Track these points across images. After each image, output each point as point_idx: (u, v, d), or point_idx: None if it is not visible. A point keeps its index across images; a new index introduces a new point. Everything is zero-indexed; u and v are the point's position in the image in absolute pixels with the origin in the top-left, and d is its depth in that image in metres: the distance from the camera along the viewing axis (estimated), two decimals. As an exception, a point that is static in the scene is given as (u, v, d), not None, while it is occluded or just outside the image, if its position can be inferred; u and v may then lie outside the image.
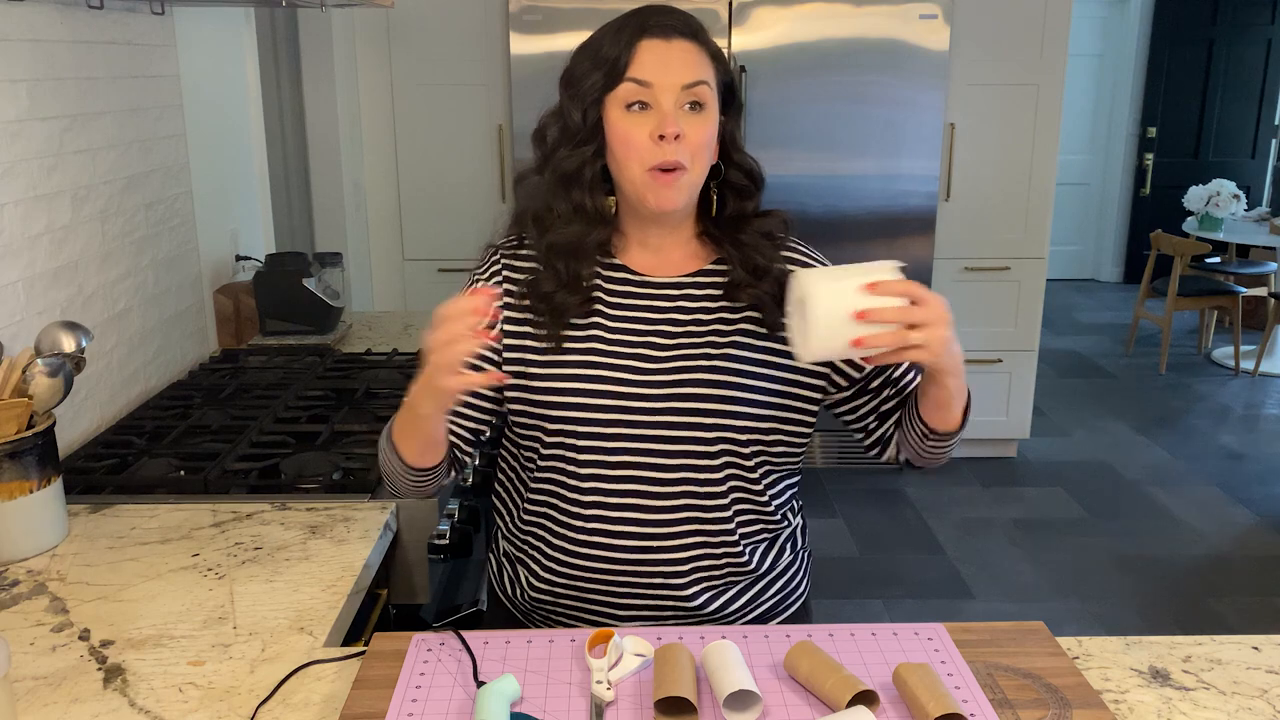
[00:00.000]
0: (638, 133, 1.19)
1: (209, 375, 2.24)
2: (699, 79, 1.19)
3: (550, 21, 3.63)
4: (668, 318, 1.27)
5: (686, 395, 1.23)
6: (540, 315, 1.26)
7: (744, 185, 1.28)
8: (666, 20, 1.20)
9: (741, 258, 1.26)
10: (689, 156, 1.20)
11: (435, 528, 1.63)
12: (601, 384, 1.24)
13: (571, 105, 1.22)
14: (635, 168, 1.20)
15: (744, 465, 1.28)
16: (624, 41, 1.19)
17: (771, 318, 1.26)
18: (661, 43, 1.19)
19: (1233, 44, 7.09)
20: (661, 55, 1.19)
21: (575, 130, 1.22)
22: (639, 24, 1.20)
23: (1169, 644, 1.21)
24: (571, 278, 1.25)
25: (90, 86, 1.92)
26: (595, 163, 1.23)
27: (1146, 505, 3.94)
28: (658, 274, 1.29)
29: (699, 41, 1.21)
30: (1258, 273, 5.81)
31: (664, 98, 1.18)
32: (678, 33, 1.20)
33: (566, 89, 1.24)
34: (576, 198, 1.24)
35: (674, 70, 1.19)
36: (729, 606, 1.32)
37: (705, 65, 1.21)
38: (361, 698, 1.08)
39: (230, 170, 2.63)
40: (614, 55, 1.19)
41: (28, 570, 1.39)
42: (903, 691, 1.05)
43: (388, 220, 4.02)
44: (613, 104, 1.20)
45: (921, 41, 3.73)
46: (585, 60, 1.22)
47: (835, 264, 1.14)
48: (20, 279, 1.72)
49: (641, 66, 1.18)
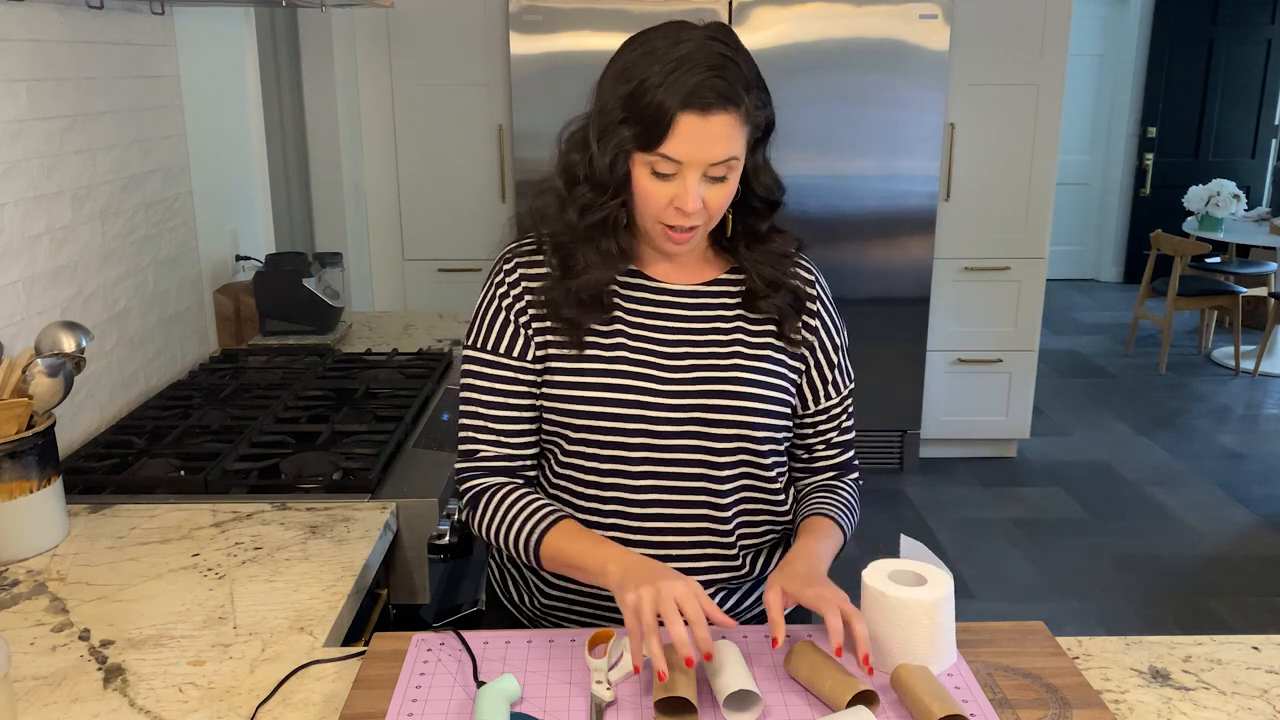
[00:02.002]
0: (659, 194, 1.18)
1: (209, 375, 2.24)
2: (729, 156, 1.17)
3: (550, 21, 3.63)
4: (687, 325, 1.27)
5: (708, 405, 1.24)
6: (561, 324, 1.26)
7: (758, 207, 1.28)
8: (712, 92, 1.13)
9: (756, 270, 1.28)
10: (705, 219, 1.20)
11: (435, 528, 1.63)
12: (625, 392, 1.24)
13: (601, 151, 1.19)
14: (650, 220, 1.21)
15: (761, 472, 1.29)
16: (664, 104, 1.13)
17: (789, 327, 1.28)
18: (700, 119, 1.13)
19: (1233, 44, 7.09)
20: (698, 134, 1.14)
21: (603, 177, 1.19)
22: (686, 90, 1.12)
23: (1169, 644, 1.21)
24: (593, 301, 1.25)
25: (90, 86, 1.92)
26: (621, 210, 1.22)
27: (1146, 505, 3.94)
28: (675, 281, 1.30)
29: (738, 109, 1.16)
30: (1258, 273, 5.81)
31: (690, 174, 1.16)
32: (719, 104, 1.14)
33: (599, 129, 1.19)
34: (605, 247, 1.23)
35: (706, 149, 1.15)
36: (739, 606, 1.34)
37: (739, 137, 1.17)
38: (361, 698, 1.08)
39: (230, 170, 2.63)
40: (652, 119, 1.14)
41: (28, 570, 1.39)
42: (902, 693, 1.05)
43: (388, 220, 4.02)
44: (640, 161, 1.18)
45: (921, 41, 3.73)
46: (622, 103, 1.16)
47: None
48: (20, 279, 1.72)
49: (676, 145, 1.14)
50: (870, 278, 3.93)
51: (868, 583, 1.12)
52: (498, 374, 1.27)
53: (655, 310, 1.27)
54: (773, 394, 1.26)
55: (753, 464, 1.28)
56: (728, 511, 1.28)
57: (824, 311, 1.33)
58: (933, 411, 4.21)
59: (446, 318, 2.82)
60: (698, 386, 1.24)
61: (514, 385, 1.27)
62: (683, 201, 1.17)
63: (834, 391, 1.34)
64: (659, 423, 1.24)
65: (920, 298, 3.99)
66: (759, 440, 1.26)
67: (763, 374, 1.26)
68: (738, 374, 1.25)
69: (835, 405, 1.35)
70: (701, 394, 1.24)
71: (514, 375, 1.27)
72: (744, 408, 1.25)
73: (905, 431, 4.17)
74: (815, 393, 1.33)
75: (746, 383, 1.25)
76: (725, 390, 1.25)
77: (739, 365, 1.26)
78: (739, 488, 1.28)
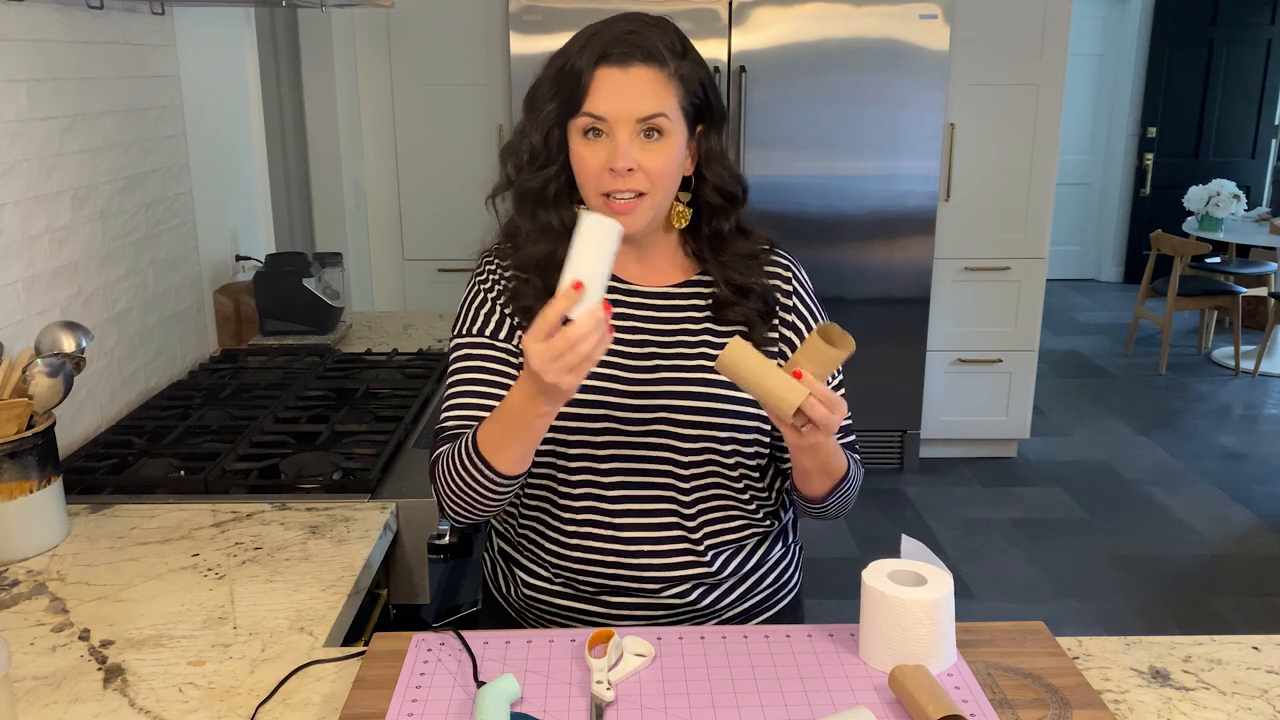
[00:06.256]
0: (593, 160, 1.18)
1: (209, 375, 2.24)
2: (656, 110, 1.17)
3: (550, 21, 3.63)
4: (655, 327, 1.28)
5: (673, 406, 1.25)
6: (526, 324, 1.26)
7: (719, 204, 1.27)
8: (627, 44, 1.16)
9: (724, 277, 1.28)
10: (647, 184, 1.19)
11: (435, 528, 1.63)
12: (589, 392, 1.24)
13: (532, 128, 1.22)
14: (591, 192, 1.21)
15: (726, 472, 1.30)
16: (583, 67, 1.17)
17: (758, 334, 1.28)
18: (619, 71, 1.16)
19: (1233, 44, 7.09)
20: (618, 86, 1.16)
21: (537, 152, 1.22)
22: (599, 48, 1.17)
23: (1169, 644, 1.21)
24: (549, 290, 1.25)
25: (90, 86, 1.92)
26: (559, 178, 1.23)
27: (1146, 505, 3.94)
28: (644, 283, 1.30)
29: (660, 66, 1.17)
30: (1258, 273, 5.81)
31: (618, 130, 1.17)
32: (638, 59, 1.16)
33: (528, 111, 1.23)
34: (543, 217, 1.24)
35: (629, 101, 1.16)
36: (720, 602, 1.33)
37: (666, 93, 1.17)
38: (361, 698, 1.08)
39: (230, 170, 2.63)
40: (572, 83, 1.17)
41: (28, 570, 1.39)
42: (900, 694, 1.05)
43: (388, 220, 4.02)
44: (572, 129, 1.19)
45: (921, 41, 3.73)
46: (548, 80, 1.20)
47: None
48: (20, 279, 1.72)
49: (596, 99, 1.16)
50: (870, 278, 3.93)
51: (868, 583, 1.13)
52: (483, 353, 1.28)
53: (623, 311, 1.28)
54: (739, 394, 1.26)
55: (717, 464, 1.28)
56: (691, 509, 1.29)
57: (801, 305, 1.33)
58: (933, 411, 4.21)
59: (446, 318, 2.82)
60: (663, 388, 1.25)
61: (498, 364, 1.27)
62: (614, 159, 1.16)
63: None
64: (625, 423, 1.25)
65: (920, 298, 3.99)
66: (722, 441, 1.27)
67: None
68: (703, 374, 1.26)
69: None
70: (667, 394, 1.25)
71: (499, 354, 1.27)
72: (708, 409, 1.25)
73: (905, 431, 4.17)
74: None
75: (711, 384, 1.25)
76: (690, 392, 1.25)
77: (705, 367, 1.26)
78: (703, 486, 1.29)
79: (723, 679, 1.11)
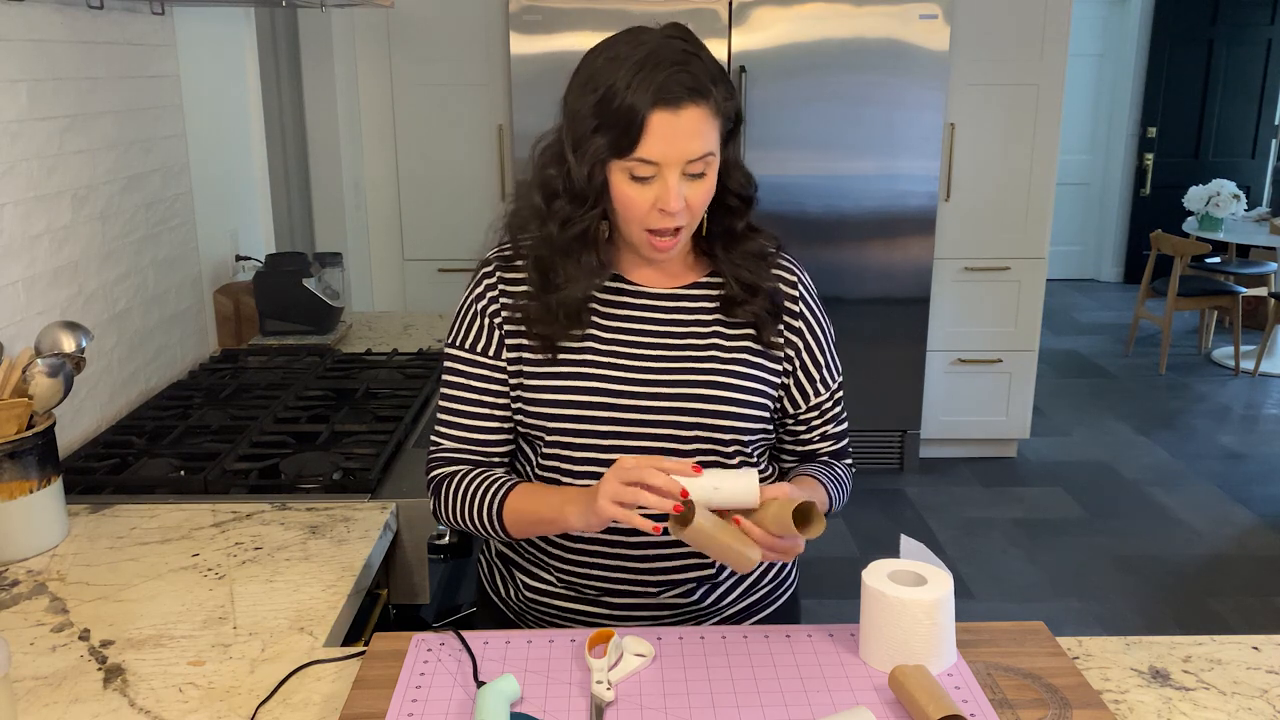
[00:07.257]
0: (640, 200, 1.18)
1: (209, 375, 2.24)
2: (706, 151, 1.17)
3: (550, 21, 3.63)
4: (663, 329, 1.28)
5: (680, 409, 1.25)
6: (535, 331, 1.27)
7: (734, 205, 1.28)
8: (678, 85, 1.13)
9: (734, 275, 1.28)
10: (689, 218, 1.20)
11: (435, 528, 1.63)
12: (596, 395, 1.24)
13: (578, 162, 1.18)
14: (634, 228, 1.21)
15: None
16: (635, 106, 1.13)
17: (766, 334, 1.28)
18: (671, 115, 1.13)
19: (1233, 44, 7.09)
20: (671, 130, 1.14)
21: (581, 189, 1.19)
22: (653, 91, 1.13)
23: (1169, 644, 1.21)
24: (571, 318, 1.25)
25: (90, 86, 1.92)
26: (601, 221, 1.22)
27: (1146, 505, 3.94)
28: (654, 285, 1.30)
29: (706, 101, 1.15)
30: (1258, 273, 5.81)
31: (669, 174, 1.16)
32: (689, 98, 1.14)
33: (573, 141, 1.18)
34: (585, 260, 1.23)
35: (682, 144, 1.15)
36: (721, 601, 1.34)
37: (711, 130, 1.17)
38: (361, 698, 1.08)
39: (230, 170, 2.63)
40: (623, 123, 1.14)
41: (28, 570, 1.39)
42: (900, 694, 1.05)
43: (388, 220, 4.02)
44: (617, 169, 1.18)
45: (921, 41, 3.72)
46: (593, 111, 1.15)
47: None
48: (20, 279, 1.72)
49: (650, 145, 1.14)
50: (870, 278, 3.93)
51: (868, 583, 1.13)
52: (470, 370, 1.29)
53: (632, 314, 1.28)
54: (747, 397, 1.26)
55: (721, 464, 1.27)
56: None
57: (807, 311, 1.33)
58: (933, 411, 4.21)
59: (446, 318, 2.81)
60: (671, 390, 1.25)
61: (486, 382, 1.29)
62: (665, 202, 1.17)
63: (823, 388, 1.35)
64: (633, 424, 1.25)
65: (920, 298, 3.99)
66: (726, 442, 1.27)
67: (738, 377, 1.27)
68: (713, 377, 1.26)
69: (826, 400, 1.36)
70: (674, 397, 1.25)
71: (486, 373, 1.29)
72: (715, 410, 1.25)
73: (905, 431, 4.17)
74: (804, 392, 1.33)
75: (720, 386, 1.26)
76: (698, 394, 1.25)
77: (714, 369, 1.26)
78: None
79: (723, 679, 1.11)
